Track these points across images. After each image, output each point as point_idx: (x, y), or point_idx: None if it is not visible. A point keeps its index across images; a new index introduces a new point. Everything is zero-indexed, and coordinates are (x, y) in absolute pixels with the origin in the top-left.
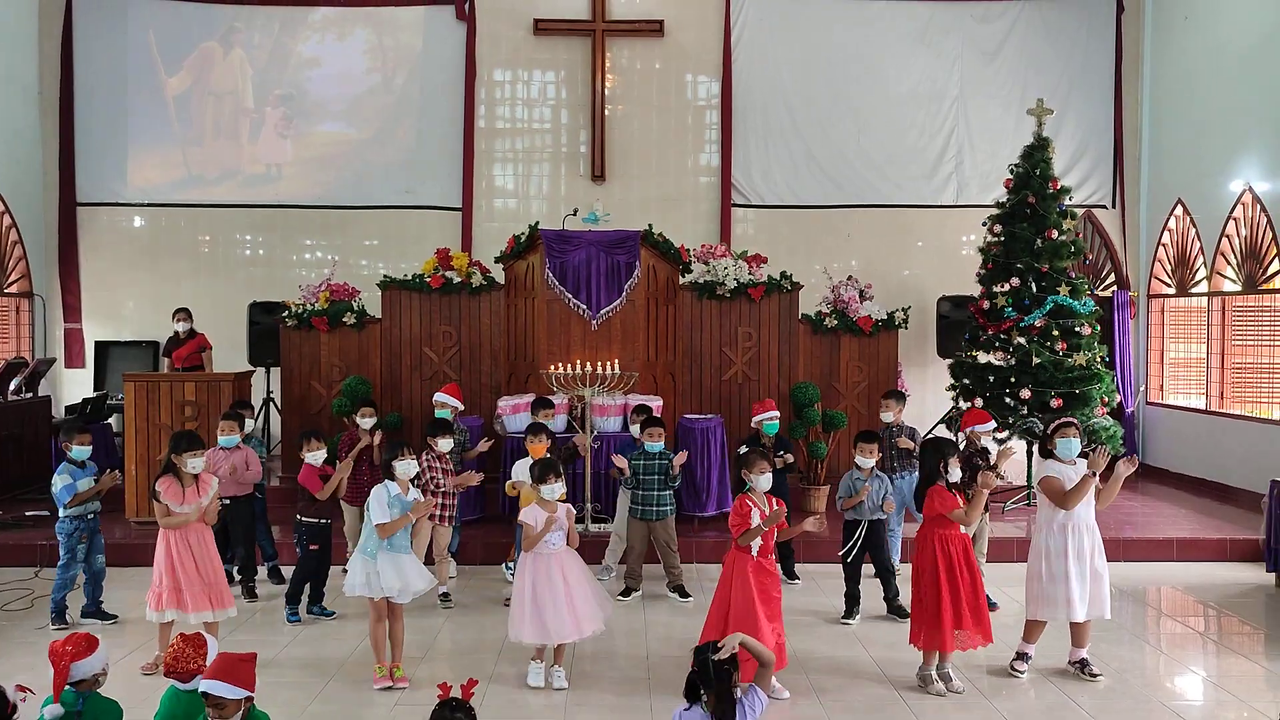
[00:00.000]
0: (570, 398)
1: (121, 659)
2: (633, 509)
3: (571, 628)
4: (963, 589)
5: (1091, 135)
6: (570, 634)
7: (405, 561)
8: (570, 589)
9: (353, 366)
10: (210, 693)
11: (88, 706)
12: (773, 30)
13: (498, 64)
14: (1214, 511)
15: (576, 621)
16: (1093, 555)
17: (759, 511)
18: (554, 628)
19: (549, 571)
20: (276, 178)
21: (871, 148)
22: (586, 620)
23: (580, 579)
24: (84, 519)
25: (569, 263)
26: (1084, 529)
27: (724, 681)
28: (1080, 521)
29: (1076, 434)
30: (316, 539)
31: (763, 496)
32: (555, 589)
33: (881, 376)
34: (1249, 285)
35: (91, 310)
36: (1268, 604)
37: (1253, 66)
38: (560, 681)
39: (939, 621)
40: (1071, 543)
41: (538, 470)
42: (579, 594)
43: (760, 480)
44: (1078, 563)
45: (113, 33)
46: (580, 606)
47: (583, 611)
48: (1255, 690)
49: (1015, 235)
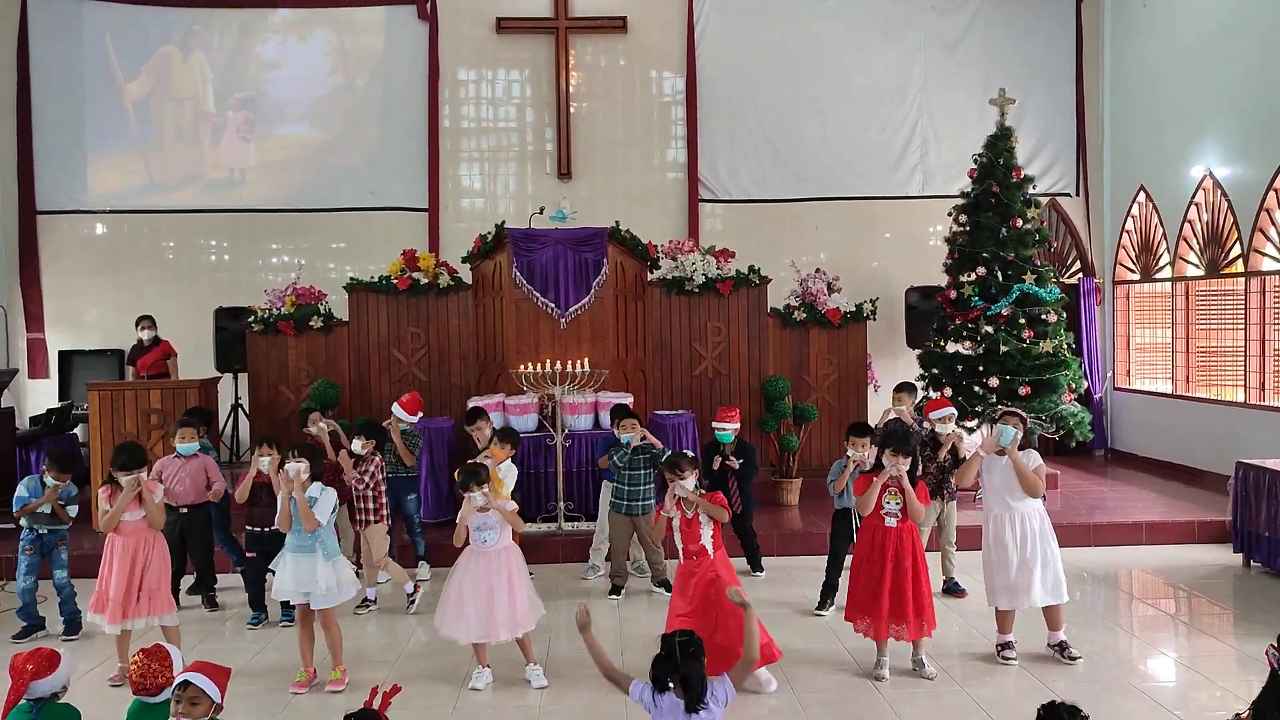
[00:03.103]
0: (540, 396)
1: (89, 672)
2: (614, 504)
3: (493, 626)
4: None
5: (1054, 124)
6: (482, 635)
7: (313, 562)
8: (494, 591)
9: (321, 370)
10: (192, 683)
11: (42, 716)
12: (735, 25)
13: (461, 63)
14: (1182, 494)
15: (492, 624)
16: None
17: (679, 515)
18: (464, 627)
19: (478, 570)
20: (240, 182)
21: (837, 141)
22: (503, 626)
23: (508, 581)
24: (34, 531)
25: (536, 261)
26: (1016, 516)
27: (690, 667)
28: (1003, 510)
29: (1018, 424)
30: (253, 547)
31: (690, 501)
32: (479, 588)
33: (851, 368)
34: (1211, 270)
35: (54, 319)
36: (1236, 585)
37: (1211, 53)
38: (540, 680)
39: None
40: (1007, 530)
41: (461, 478)
42: (501, 597)
43: (678, 490)
44: (1019, 549)
45: (68, 38)
46: (500, 610)
47: (501, 615)
48: (1226, 670)
49: (980, 225)
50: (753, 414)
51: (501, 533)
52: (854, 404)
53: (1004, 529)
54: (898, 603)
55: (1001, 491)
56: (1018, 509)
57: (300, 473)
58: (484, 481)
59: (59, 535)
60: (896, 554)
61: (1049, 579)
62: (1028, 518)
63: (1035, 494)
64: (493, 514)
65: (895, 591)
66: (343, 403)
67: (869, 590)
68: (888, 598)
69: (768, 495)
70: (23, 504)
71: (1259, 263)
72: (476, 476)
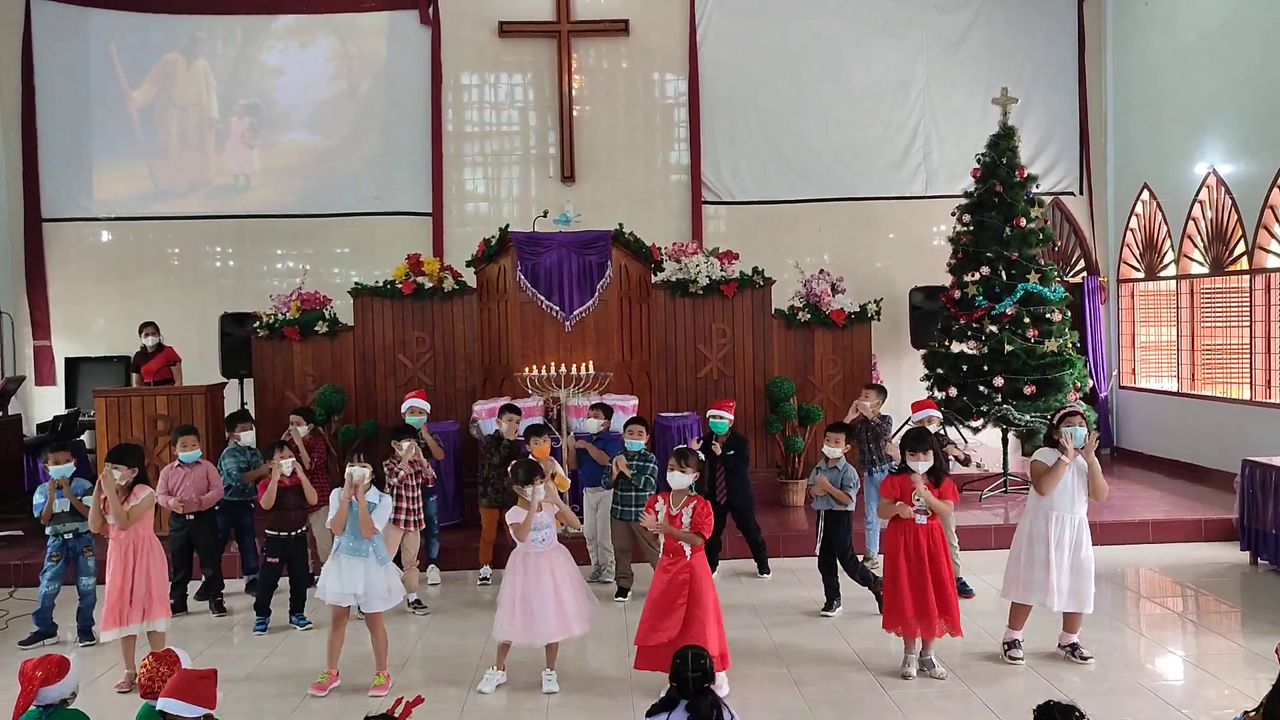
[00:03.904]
0: (545, 400)
1: (98, 677)
2: (614, 509)
3: (558, 627)
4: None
5: (1057, 123)
6: (556, 634)
7: (361, 566)
8: (558, 587)
9: (326, 375)
10: (167, 712)
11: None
12: (737, 26)
13: (464, 67)
14: (1188, 493)
15: (565, 621)
16: (1076, 548)
17: (665, 509)
18: (540, 628)
19: (537, 572)
20: (244, 188)
21: (839, 141)
22: (575, 620)
23: (568, 577)
24: (59, 538)
25: (540, 265)
26: (1067, 520)
27: (702, 689)
28: (1063, 512)
29: (1083, 423)
30: (275, 552)
31: (678, 495)
32: (543, 588)
33: (856, 369)
34: (1216, 267)
35: (61, 327)
36: (1243, 582)
37: (1213, 50)
38: (551, 685)
39: (897, 608)
40: (1053, 531)
41: (523, 472)
42: (567, 592)
43: (670, 478)
44: (1057, 551)
45: (73, 46)
46: (568, 605)
47: (570, 611)
48: (1234, 668)
49: (984, 224)
50: (758, 415)
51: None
52: None
53: (1049, 526)
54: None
55: (1066, 493)
56: (1068, 511)
57: (364, 477)
58: (544, 478)
59: (85, 541)
60: (931, 550)
61: (1079, 586)
62: (1075, 524)
63: (1101, 496)
64: (547, 512)
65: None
66: (348, 408)
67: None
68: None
69: (773, 496)
70: (39, 509)
71: (1263, 260)
72: (540, 470)
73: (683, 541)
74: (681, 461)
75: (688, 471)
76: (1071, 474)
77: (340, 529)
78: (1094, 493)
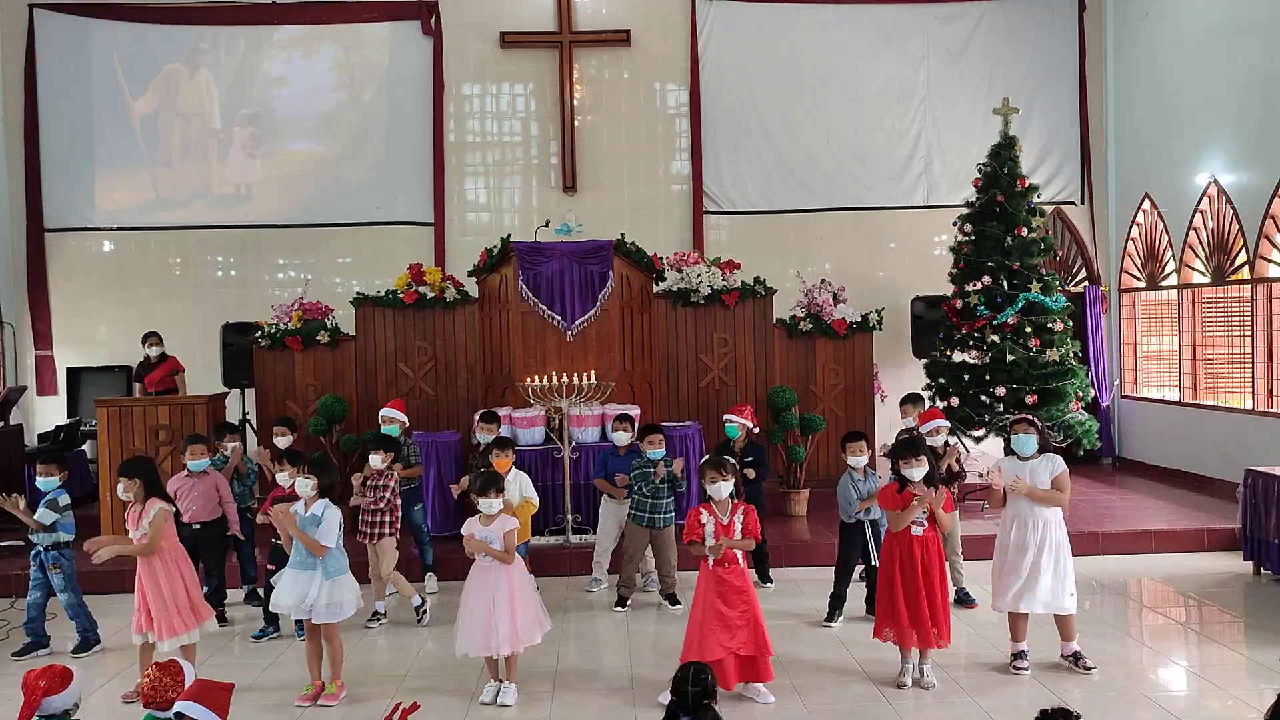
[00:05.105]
0: (547, 409)
1: (100, 688)
2: (634, 515)
3: (510, 638)
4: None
5: (1058, 133)
6: (508, 645)
7: (311, 579)
8: (512, 599)
9: (328, 385)
10: (185, 714)
11: None
12: (739, 36)
13: (466, 78)
14: (1191, 502)
15: (518, 632)
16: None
17: (714, 521)
18: (494, 639)
19: (483, 584)
20: (246, 198)
21: (841, 151)
22: (526, 631)
23: (521, 589)
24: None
25: (542, 274)
26: (1041, 524)
27: (703, 710)
28: (1038, 517)
29: (1030, 430)
30: (274, 560)
31: (723, 504)
32: (499, 600)
33: (858, 378)
34: (1217, 277)
35: (63, 337)
36: (1246, 593)
37: (1214, 60)
38: (508, 697)
39: (891, 617)
40: (1032, 536)
41: (479, 482)
42: (502, 610)
43: (712, 489)
44: (1035, 555)
45: (76, 56)
46: (520, 616)
47: (523, 621)
48: (1237, 679)
49: (985, 234)
50: (760, 425)
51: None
52: (861, 414)
53: (1025, 532)
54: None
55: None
56: (1040, 514)
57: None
58: (501, 491)
59: (52, 558)
60: (924, 562)
61: (1059, 587)
62: (1050, 524)
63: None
64: (494, 527)
65: (920, 600)
66: (350, 417)
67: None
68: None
69: (775, 506)
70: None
71: (1265, 269)
72: (497, 483)
73: (740, 550)
74: (720, 470)
75: (728, 478)
76: (1026, 475)
77: (289, 545)
78: (939, 526)
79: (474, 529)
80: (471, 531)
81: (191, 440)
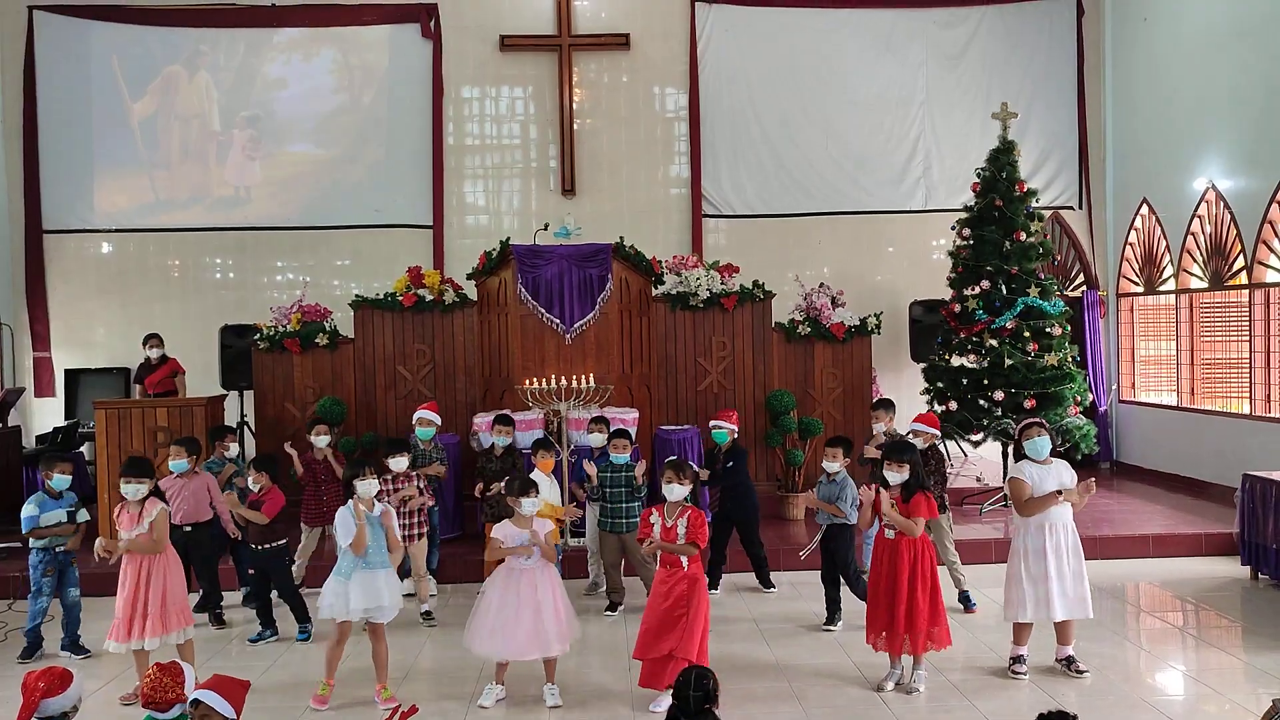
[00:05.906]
0: (546, 412)
1: (97, 690)
2: (601, 521)
3: (528, 645)
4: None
5: (1056, 137)
6: (526, 651)
7: (380, 579)
8: (540, 606)
9: (326, 387)
10: (202, 701)
11: None
12: (738, 41)
13: (465, 81)
14: (1188, 507)
15: (542, 640)
16: (1075, 553)
17: (660, 522)
18: (508, 644)
19: (519, 587)
20: (245, 200)
21: (840, 155)
22: (554, 639)
23: (552, 596)
24: (49, 551)
25: (541, 277)
26: (1060, 527)
27: (704, 715)
28: (1057, 520)
29: (1043, 433)
30: (252, 564)
31: (673, 507)
32: (523, 604)
33: (856, 382)
34: (1215, 282)
35: (61, 338)
36: (1244, 597)
37: (1212, 65)
38: (554, 699)
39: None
40: (1050, 541)
41: (517, 485)
42: (548, 612)
43: (665, 489)
44: (1057, 560)
45: (75, 58)
46: (548, 625)
47: (550, 630)
48: (1234, 683)
49: (984, 238)
50: (758, 429)
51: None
52: (859, 418)
53: (1044, 540)
54: (899, 615)
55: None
56: (1062, 518)
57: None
58: (539, 492)
59: (73, 554)
60: (910, 566)
61: (1081, 591)
62: (1068, 529)
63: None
64: (539, 529)
65: (900, 603)
66: (348, 420)
67: (883, 604)
68: (894, 610)
69: (773, 510)
70: (33, 522)
71: (1262, 274)
72: (535, 484)
73: (680, 555)
74: (679, 473)
75: (685, 483)
76: (1052, 482)
77: (361, 550)
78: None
79: (507, 531)
80: (505, 533)
81: (174, 442)
